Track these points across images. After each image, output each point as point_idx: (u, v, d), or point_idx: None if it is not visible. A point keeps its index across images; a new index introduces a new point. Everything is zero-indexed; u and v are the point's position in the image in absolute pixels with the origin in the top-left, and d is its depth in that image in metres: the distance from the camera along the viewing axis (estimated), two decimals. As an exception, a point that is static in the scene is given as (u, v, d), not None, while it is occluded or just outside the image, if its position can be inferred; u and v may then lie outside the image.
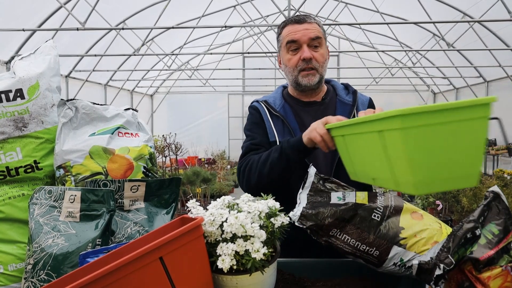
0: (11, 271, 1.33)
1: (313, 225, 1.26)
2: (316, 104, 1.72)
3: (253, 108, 1.78)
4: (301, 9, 7.26)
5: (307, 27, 1.62)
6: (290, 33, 1.63)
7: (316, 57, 1.62)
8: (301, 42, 1.62)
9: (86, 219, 1.22)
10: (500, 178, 5.68)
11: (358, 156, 1.17)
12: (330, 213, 1.27)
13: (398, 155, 0.87)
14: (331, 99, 1.74)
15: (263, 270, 1.05)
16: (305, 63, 1.62)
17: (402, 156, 0.85)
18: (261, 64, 12.60)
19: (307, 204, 1.30)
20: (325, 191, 1.35)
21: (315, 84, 1.65)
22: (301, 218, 1.27)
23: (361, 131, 1.05)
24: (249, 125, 1.76)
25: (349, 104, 1.71)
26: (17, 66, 1.41)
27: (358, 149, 1.13)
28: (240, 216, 1.02)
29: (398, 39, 9.95)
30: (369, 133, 0.99)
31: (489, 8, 7.40)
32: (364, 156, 1.10)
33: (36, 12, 7.03)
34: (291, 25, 1.65)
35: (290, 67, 1.66)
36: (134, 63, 11.28)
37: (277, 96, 1.77)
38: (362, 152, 1.10)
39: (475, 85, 11.13)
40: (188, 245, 1.01)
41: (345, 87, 1.80)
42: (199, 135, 14.25)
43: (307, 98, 1.73)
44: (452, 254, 0.96)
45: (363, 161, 1.13)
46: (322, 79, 1.67)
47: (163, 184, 1.37)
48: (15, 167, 1.36)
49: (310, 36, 1.61)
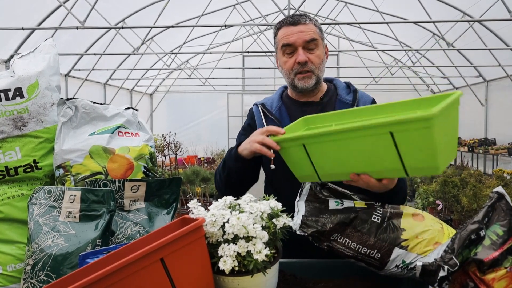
0: (10, 271, 1.32)
1: (315, 232, 1.26)
2: (313, 104, 1.70)
3: (249, 112, 1.81)
4: (301, 8, 7.25)
5: (302, 29, 1.59)
6: (285, 36, 1.61)
7: (311, 59, 1.60)
8: (296, 45, 1.59)
9: (86, 219, 1.21)
10: (500, 178, 5.68)
11: (333, 157, 1.22)
12: (331, 219, 1.27)
13: (421, 147, 1.05)
14: (330, 98, 1.72)
15: (265, 272, 1.04)
16: (300, 67, 1.60)
17: (428, 147, 1.04)
18: (260, 63, 12.58)
19: (306, 212, 1.30)
20: (322, 198, 1.35)
21: (311, 87, 1.63)
22: (302, 226, 1.27)
23: (356, 136, 1.13)
24: (241, 130, 1.81)
25: (348, 103, 1.69)
26: (16, 65, 1.40)
27: (337, 151, 1.19)
28: (242, 217, 1.01)
29: (398, 39, 9.93)
30: (371, 136, 1.10)
31: (489, 7, 7.38)
32: (347, 155, 1.19)
33: (35, 11, 7.01)
34: (286, 27, 1.62)
35: (286, 70, 1.64)
36: (133, 62, 11.25)
37: (276, 98, 1.77)
38: (344, 152, 1.19)
39: (474, 85, 11.12)
40: (189, 246, 1.00)
41: (346, 86, 1.78)
42: (199, 134, 14.23)
43: (305, 98, 1.71)
44: (456, 256, 0.95)
45: (342, 161, 1.21)
46: (319, 80, 1.65)
47: (163, 184, 1.36)
48: (14, 167, 1.35)
49: (305, 39, 1.58)
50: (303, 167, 1.30)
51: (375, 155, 1.14)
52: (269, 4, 7.11)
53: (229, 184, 1.64)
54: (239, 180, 1.62)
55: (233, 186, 1.63)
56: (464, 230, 0.97)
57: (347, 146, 1.16)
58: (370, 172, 1.21)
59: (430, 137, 1.03)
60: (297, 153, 1.28)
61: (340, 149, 1.18)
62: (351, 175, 1.23)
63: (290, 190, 1.44)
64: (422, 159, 1.07)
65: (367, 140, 1.11)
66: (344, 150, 1.18)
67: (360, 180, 1.23)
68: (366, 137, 1.11)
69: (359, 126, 1.10)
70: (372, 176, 1.21)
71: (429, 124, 1.01)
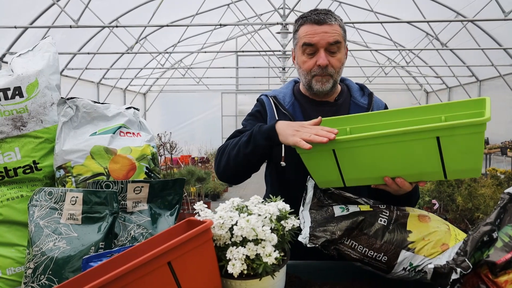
0: (10, 275, 1.29)
1: (325, 241, 1.24)
2: (328, 104, 1.65)
3: (259, 101, 1.71)
4: (296, 8, 7.23)
5: (326, 29, 1.49)
6: (308, 35, 1.51)
7: (332, 63, 1.52)
8: (318, 47, 1.51)
9: (88, 221, 1.18)
10: (494, 177, 5.70)
11: (365, 162, 1.20)
12: (339, 226, 1.25)
13: (468, 150, 1.09)
14: (344, 100, 1.66)
15: (274, 275, 1.02)
16: (320, 70, 1.52)
17: (476, 150, 1.09)
18: (254, 63, 12.57)
19: (313, 223, 1.28)
20: (326, 205, 1.33)
21: (328, 90, 1.57)
22: (312, 238, 1.24)
23: (399, 140, 1.13)
24: (247, 116, 1.71)
25: (363, 106, 1.63)
26: (15, 63, 1.37)
27: (372, 155, 1.18)
28: (251, 219, 0.99)
29: (392, 39, 9.97)
30: (414, 141, 1.11)
31: (482, 7, 7.43)
32: (383, 160, 1.18)
33: (28, 9, 6.93)
34: (310, 25, 1.52)
35: (304, 70, 1.56)
36: (127, 62, 11.18)
37: (287, 92, 1.69)
38: (380, 156, 1.17)
39: (467, 84, 11.20)
40: (197, 249, 0.98)
41: (360, 88, 1.72)
42: (192, 134, 14.19)
43: (319, 98, 1.65)
44: (469, 258, 0.94)
45: (376, 165, 1.20)
46: (336, 83, 1.59)
47: (166, 185, 1.33)
48: (14, 168, 1.32)
49: (328, 41, 1.49)
50: (327, 172, 1.27)
51: (414, 158, 1.14)
52: (263, 3, 7.09)
53: (244, 163, 1.48)
54: (257, 161, 1.48)
55: (246, 167, 1.50)
56: (477, 232, 0.96)
57: (385, 150, 1.15)
58: (405, 176, 1.21)
59: (480, 141, 1.08)
60: (322, 157, 1.24)
61: (376, 153, 1.17)
62: (386, 179, 1.21)
63: (298, 186, 1.42)
64: (466, 162, 1.12)
65: (408, 145, 1.11)
66: (380, 155, 1.16)
67: (393, 184, 1.21)
68: (407, 142, 1.11)
69: (405, 131, 1.10)
70: (406, 180, 1.21)
71: (482, 129, 1.06)
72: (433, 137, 1.09)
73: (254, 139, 1.42)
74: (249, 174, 1.56)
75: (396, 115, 1.37)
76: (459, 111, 1.28)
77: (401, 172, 1.20)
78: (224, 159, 1.52)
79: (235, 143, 1.50)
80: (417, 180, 1.22)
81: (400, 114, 1.36)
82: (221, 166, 1.53)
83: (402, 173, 1.20)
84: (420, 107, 1.34)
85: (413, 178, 1.22)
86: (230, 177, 1.56)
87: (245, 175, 1.56)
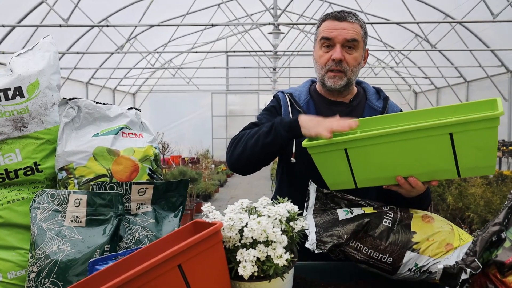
0: (11, 279, 1.26)
1: (332, 246, 1.24)
2: (343, 105, 1.65)
3: (275, 97, 1.73)
4: (287, 9, 7.24)
5: (345, 26, 1.52)
6: (327, 29, 1.54)
7: (347, 60, 1.53)
8: (335, 41, 1.52)
9: (92, 224, 1.16)
10: (483, 177, 5.78)
11: (378, 161, 1.20)
12: (345, 230, 1.25)
13: (482, 146, 1.09)
14: (359, 102, 1.66)
15: (283, 276, 1.01)
16: (334, 64, 1.53)
17: (490, 146, 1.09)
18: (244, 63, 12.57)
19: (318, 228, 1.28)
20: (329, 208, 1.33)
21: (340, 87, 1.57)
22: (319, 244, 1.24)
23: (411, 137, 1.13)
24: (263, 110, 1.72)
25: (378, 110, 1.63)
26: (14, 63, 1.34)
27: (385, 154, 1.18)
28: (262, 220, 0.98)
29: (382, 40, 10.04)
30: (427, 137, 1.12)
31: (470, 9, 7.54)
32: (396, 158, 1.18)
33: (15, 6, 6.83)
34: (330, 21, 1.55)
35: (320, 64, 1.58)
36: (116, 61, 11.09)
37: (304, 90, 1.70)
38: (393, 155, 1.18)
39: (455, 85, 11.34)
40: (207, 252, 0.97)
41: (376, 92, 1.72)
42: (182, 134, 14.13)
43: (334, 97, 1.65)
44: (478, 258, 0.94)
45: (388, 164, 1.20)
46: (350, 83, 1.59)
47: (170, 187, 1.31)
48: (14, 170, 1.29)
49: (345, 37, 1.51)
50: (339, 173, 1.27)
51: (427, 156, 1.15)
52: (254, 3, 7.09)
53: (260, 153, 1.47)
54: (274, 153, 1.50)
55: (260, 157, 1.50)
56: (486, 232, 0.97)
57: (398, 148, 1.15)
58: (418, 175, 1.21)
59: (494, 136, 1.07)
60: (334, 157, 1.24)
61: (388, 152, 1.17)
62: (398, 178, 1.22)
63: (307, 185, 1.42)
64: (480, 158, 1.12)
65: (421, 142, 1.12)
66: (393, 153, 1.17)
67: (405, 184, 1.21)
68: (420, 139, 1.11)
69: (418, 127, 1.11)
70: (419, 179, 1.21)
71: (496, 123, 1.06)
72: (446, 133, 1.09)
73: (275, 129, 1.44)
74: (260, 166, 1.56)
75: (408, 117, 1.37)
76: (470, 112, 1.29)
77: (414, 170, 1.20)
78: (240, 148, 1.51)
79: (253, 133, 1.50)
80: (430, 179, 1.23)
81: (412, 116, 1.37)
82: (235, 154, 1.53)
83: (415, 172, 1.20)
84: (431, 109, 1.35)
85: (426, 177, 1.22)
86: (243, 166, 1.55)
87: (257, 165, 1.55)
